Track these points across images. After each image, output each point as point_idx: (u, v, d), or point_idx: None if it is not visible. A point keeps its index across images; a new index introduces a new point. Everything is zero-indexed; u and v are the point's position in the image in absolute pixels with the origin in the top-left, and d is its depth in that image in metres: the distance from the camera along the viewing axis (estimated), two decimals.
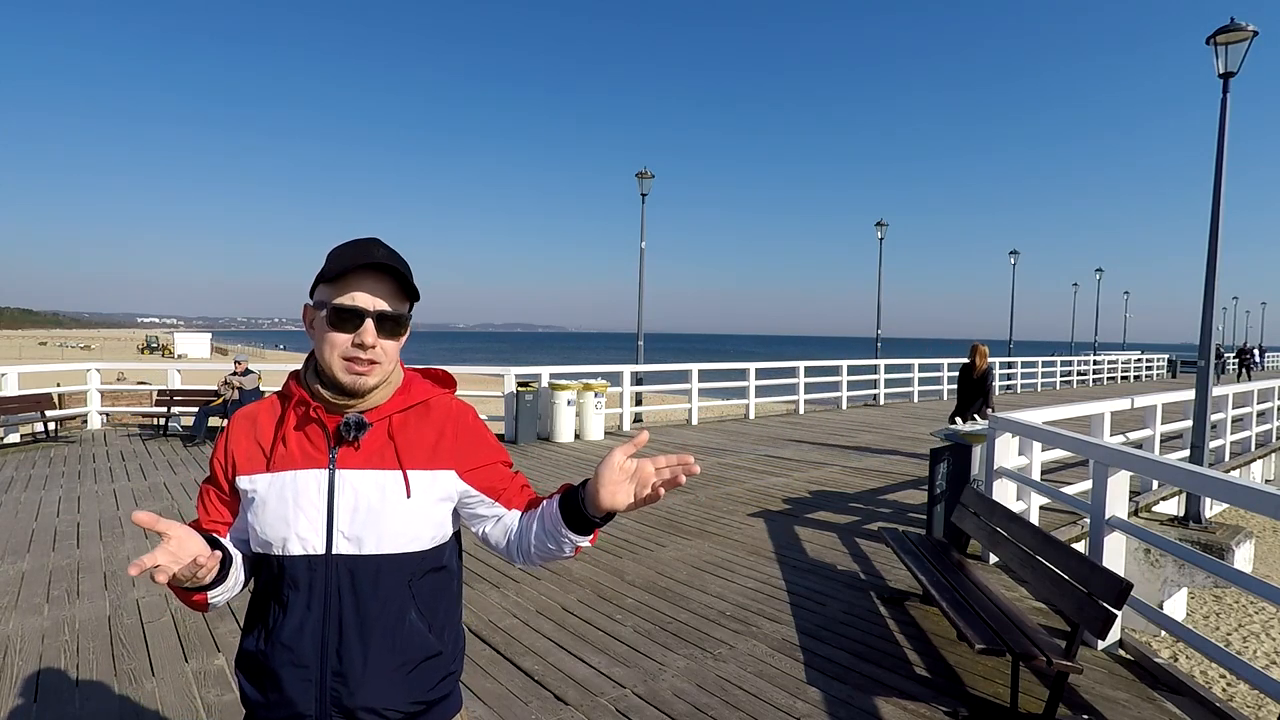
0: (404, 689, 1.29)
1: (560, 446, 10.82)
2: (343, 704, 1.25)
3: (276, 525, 1.27)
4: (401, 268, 1.29)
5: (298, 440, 1.31)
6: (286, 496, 1.27)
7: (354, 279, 1.26)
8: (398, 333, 1.31)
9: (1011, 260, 29.16)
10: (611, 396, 12.59)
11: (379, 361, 1.28)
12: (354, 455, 1.29)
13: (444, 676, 1.35)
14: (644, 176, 16.34)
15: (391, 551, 1.28)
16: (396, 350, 1.33)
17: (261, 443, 1.32)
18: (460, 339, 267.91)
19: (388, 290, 1.29)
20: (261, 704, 1.29)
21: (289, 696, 1.25)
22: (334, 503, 1.27)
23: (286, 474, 1.28)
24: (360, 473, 1.29)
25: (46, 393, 11.22)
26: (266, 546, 1.28)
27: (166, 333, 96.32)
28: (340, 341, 1.26)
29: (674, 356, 79.04)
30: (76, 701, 3.24)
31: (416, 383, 1.41)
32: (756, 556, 5.51)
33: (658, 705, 3.26)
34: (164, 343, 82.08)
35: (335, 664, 1.25)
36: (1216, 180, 7.32)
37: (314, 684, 1.25)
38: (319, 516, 1.27)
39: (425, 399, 1.38)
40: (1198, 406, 7.71)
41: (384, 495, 1.28)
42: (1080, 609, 3.07)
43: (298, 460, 1.29)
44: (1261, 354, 47.81)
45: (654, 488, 1.24)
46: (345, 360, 1.27)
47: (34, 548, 5.52)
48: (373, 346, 1.26)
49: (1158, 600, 6.73)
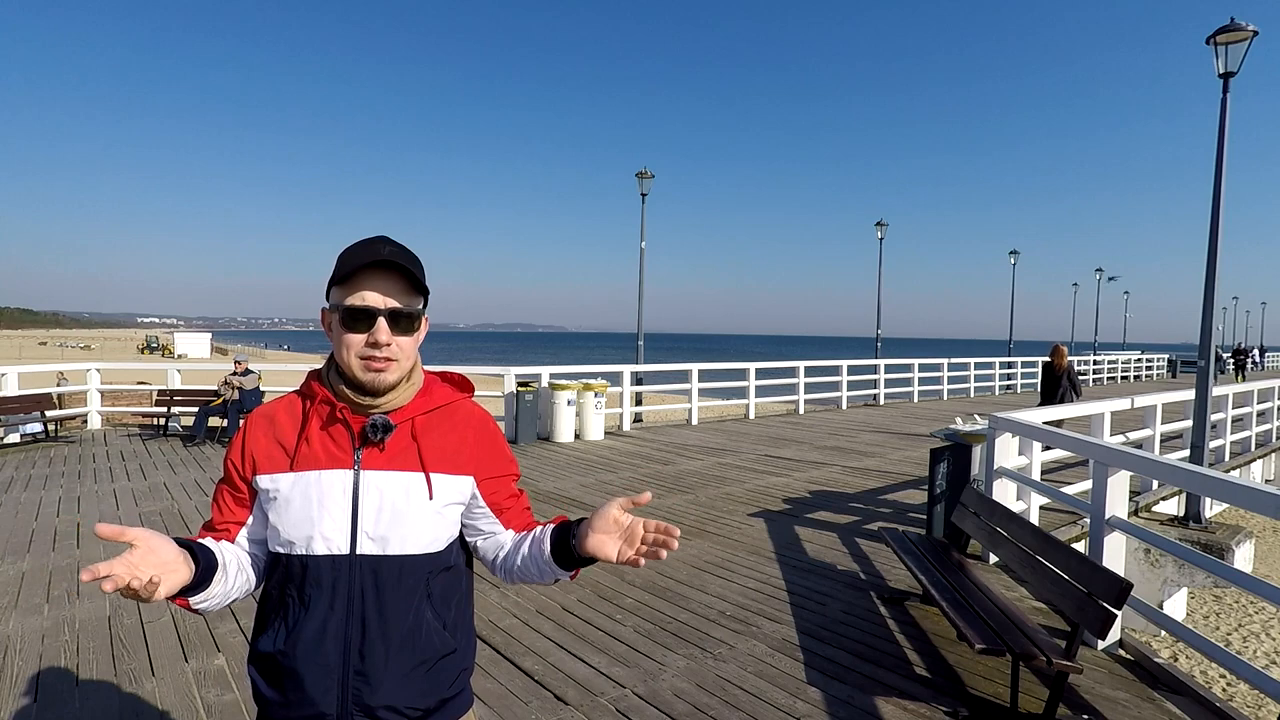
0: (423, 686, 1.30)
1: (560, 446, 10.82)
2: (364, 702, 1.26)
3: (300, 525, 1.28)
4: (410, 263, 1.30)
5: (322, 440, 1.32)
6: (311, 496, 1.28)
7: (363, 278, 1.28)
8: (412, 328, 1.32)
9: (1011, 260, 29.17)
10: (611, 396, 12.59)
11: (395, 359, 1.29)
12: (378, 456, 1.31)
13: (459, 673, 1.37)
14: (644, 176, 16.35)
15: (414, 552, 1.30)
16: (413, 346, 1.33)
17: (283, 442, 1.33)
18: (460, 339, 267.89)
19: (398, 287, 1.29)
20: (280, 703, 1.28)
21: (310, 696, 1.25)
22: (359, 503, 1.28)
23: (311, 474, 1.29)
24: (385, 474, 1.30)
25: (46, 393, 11.23)
26: (289, 546, 1.29)
27: (166, 333, 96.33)
28: (355, 341, 1.28)
29: (674, 356, 79.04)
30: (76, 701, 3.24)
31: (437, 386, 1.42)
32: (756, 556, 5.51)
33: (658, 705, 3.26)
34: (164, 343, 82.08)
35: (358, 663, 1.26)
36: (1216, 180, 7.32)
37: (336, 683, 1.26)
38: (344, 516, 1.28)
39: (448, 403, 1.40)
40: (1198, 406, 7.70)
41: (408, 496, 1.30)
42: (1080, 609, 3.07)
43: (322, 460, 1.30)
44: (1262, 354, 47.77)
45: (637, 552, 1.27)
46: (362, 359, 1.28)
47: (34, 548, 5.53)
48: (388, 344, 1.28)
49: (1158, 600, 6.72)
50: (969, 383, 21.95)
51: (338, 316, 1.29)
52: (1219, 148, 7.29)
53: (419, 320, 1.33)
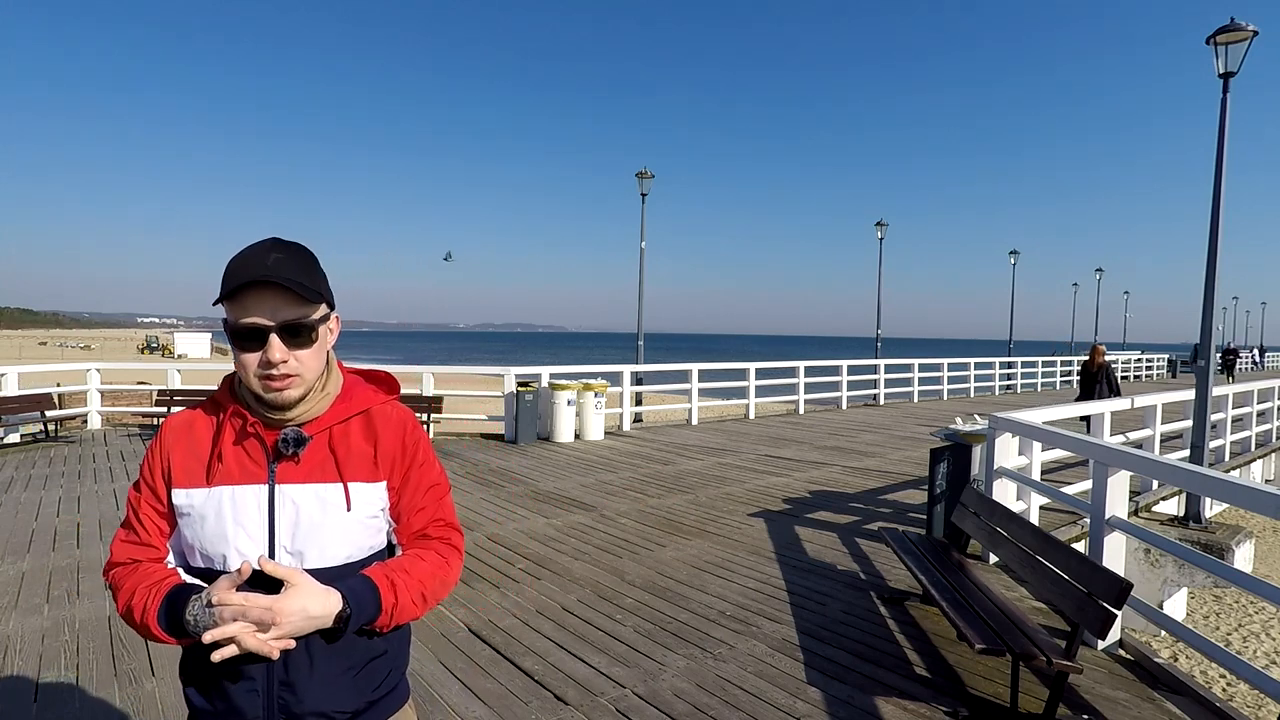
0: (351, 690, 1.28)
1: (560, 446, 10.82)
2: (291, 710, 1.25)
3: (216, 542, 1.25)
4: (294, 275, 1.20)
5: (235, 455, 1.27)
6: (225, 513, 1.24)
7: (249, 294, 1.19)
8: (310, 340, 1.24)
9: (1011, 260, 29.17)
10: (611, 396, 12.59)
11: (296, 373, 1.23)
12: (294, 469, 1.27)
13: (389, 672, 1.35)
14: (644, 176, 16.35)
15: (333, 564, 1.27)
16: (315, 357, 1.26)
17: (198, 455, 1.29)
18: (460, 339, 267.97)
19: (287, 299, 1.20)
20: (210, 713, 1.27)
21: (236, 705, 1.24)
22: (275, 518, 1.25)
23: (225, 489, 1.25)
24: (300, 487, 1.27)
25: (46, 393, 11.22)
26: (208, 561, 1.26)
27: (166, 333, 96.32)
28: (250, 361, 1.22)
29: (674, 356, 79.02)
30: (76, 701, 3.24)
31: (359, 388, 1.38)
32: (756, 556, 5.51)
33: (658, 705, 3.26)
34: (164, 343, 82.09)
35: (282, 673, 1.24)
36: (1216, 180, 7.32)
37: (261, 693, 1.24)
38: (260, 532, 1.25)
39: (367, 408, 1.35)
40: (1198, 406, 7.70)
41: (324, 509, 1.26)
42: (1080, 609, 3.07)
43: (236, 476, 1.26)
44: (1261, 354, 47.71)
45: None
46: (260, 379, 1.22)
47: (34, 548, 5.52)
48: (283, 360, 1.21)
49: (1158, 600, 6.72)
50: (969, 383, 21.96)
51: (228, 336, 1.22)
52: (1219, 148, 7.29)
53: (317, 330, 1.25)
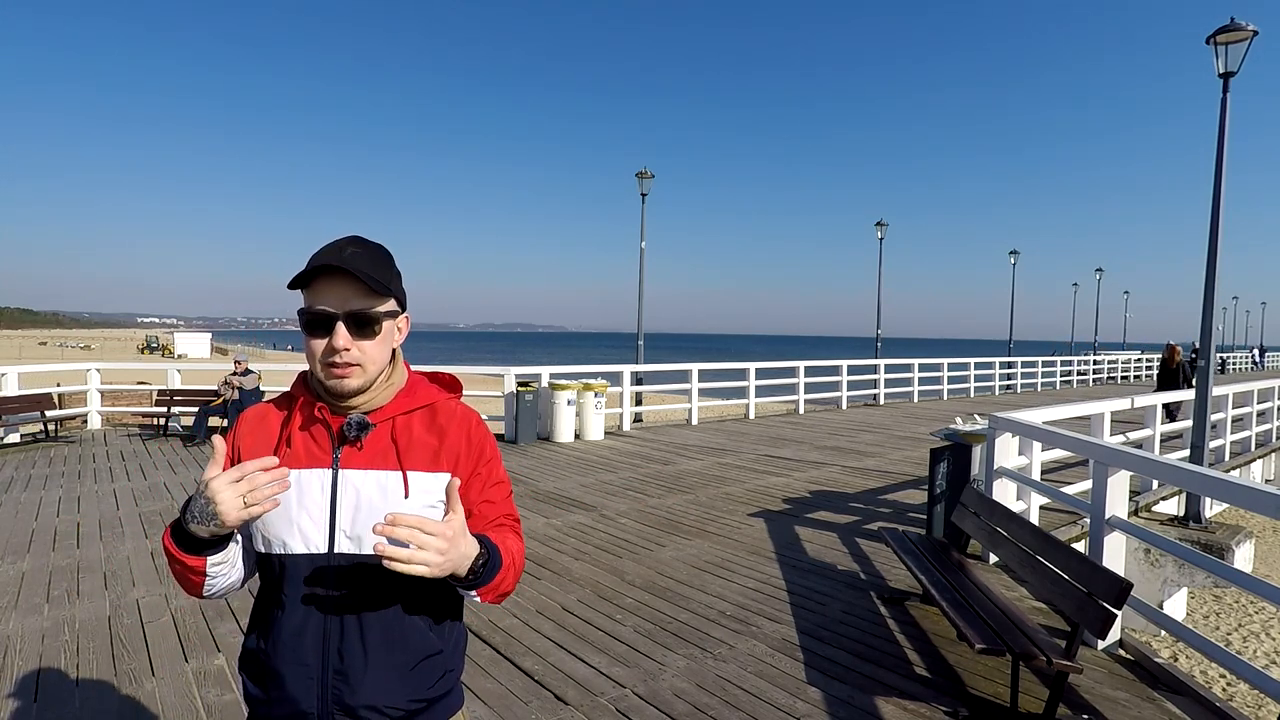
0: (404, 686, 1.29)
1: (560, 446, 10.82)
2: (344, 702, 1.26)
3: (280, 524, 1.28)
4: (368, 266, 1.26)
5: (303, 440, 1.32)
6: (290, 495, 1.27)
7: (322, 282, 1.25)
8: (374, 332, 1.28)
9: (1011, 260, 29.16)
10: (611, 396, 12.59)
11: (356, 364, 1.26)
12: (357, 455, 1.30)
13: (444, 674, 1.36)
14: (644, 176, 16.35)
15: None
16: (379, 349, 1.29)
17: (269, 441, 1.34)
18: (460, 339, 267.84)
19: (359, 289, 1.25)
20: (263, 701, 1.29)
21: (291, 694, 1.26)
22: (337, 502, 1.28)
23: (291, 473, 1.28)
24: (362, 473, 1.29)
25: (46, 393, 11.23)
26: (269, 545, 1.29)
27: (166, 333, 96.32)
28: (317, 348, 1.26)
29: (674, 356, 79.04)
30: (76, 701, 3.24)
31: (422, 386, 1.41)
32: (756, 556, 5.51)
33: (658, 705, 3.26)
34: (164, 343, 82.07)
35: (337, 662, 1.26)
36: (1216, 180, 7.32)
37: (316, 681, 1.26)
38: (322, 515, 1.28)
39: (430, 402, 1.38)
40: (1198, 406, 7.71)
41: (384, 495, 1.29)
42: (1080, 609, 3.07)
43: (302, 459, 1.30)
44: (1262, 354, 47.67)
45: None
46: (324, 366, 1.26)
47: (34, 548, 5.52)
48: (346, 349, 1.25)
49: (1158, 600, 6.72)
50: (969, 383, 21.96)
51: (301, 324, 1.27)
52: (1219, 148, 7.29)
53: (382, 323, 1.29)
